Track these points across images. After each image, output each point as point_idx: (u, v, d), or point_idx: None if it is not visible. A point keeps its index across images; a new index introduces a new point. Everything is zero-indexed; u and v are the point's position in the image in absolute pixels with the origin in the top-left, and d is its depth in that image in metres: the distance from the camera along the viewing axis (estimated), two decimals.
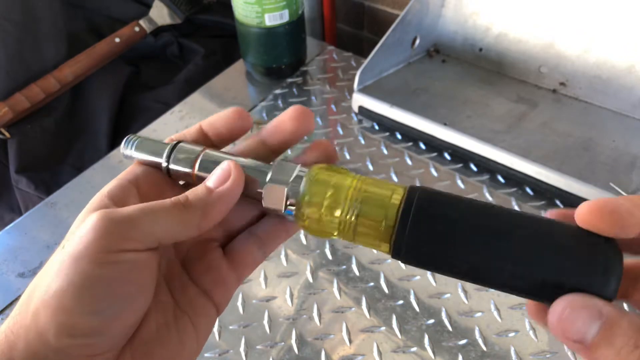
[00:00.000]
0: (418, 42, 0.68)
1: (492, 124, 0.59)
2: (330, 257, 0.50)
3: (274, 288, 0.48)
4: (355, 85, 0.62)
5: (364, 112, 0.62)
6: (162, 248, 0.24)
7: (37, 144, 0.70)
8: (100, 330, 0.20)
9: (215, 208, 0.22)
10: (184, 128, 0.30)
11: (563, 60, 0.62)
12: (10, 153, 0.69)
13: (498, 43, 0.67)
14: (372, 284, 0.47)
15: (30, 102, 0.69)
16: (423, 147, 0.60)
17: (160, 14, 0.82)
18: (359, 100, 0.62)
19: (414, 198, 0.21)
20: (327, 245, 0.51)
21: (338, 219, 0.23)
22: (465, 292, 0.46)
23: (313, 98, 0.69)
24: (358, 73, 0.61)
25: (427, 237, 0.20)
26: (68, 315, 0.19)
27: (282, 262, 0.50)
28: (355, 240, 0.23)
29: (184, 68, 0.80)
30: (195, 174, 0.25)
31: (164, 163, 0.25)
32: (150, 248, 0.21)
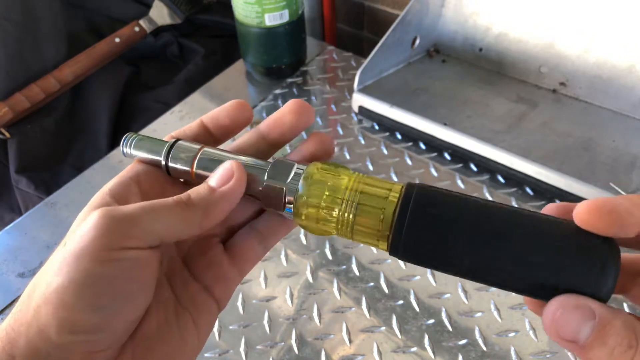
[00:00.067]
0: (418, 42, 0.68)
1: (492, 124, 0.59)
2: (330, 257, 0.50)
3: (274, 288, 0.48)
4: (355, 85, 0.62)
5: (364, 112, 0.62)
6: (163, 246, 0.24)
7: (37, 144, 0.70)
8: (102, 327, 0.20)
9: (218, 207, 0.22)
10: None
11: (563, 60, 0.62)
12: (10, 153, 0.69)
13: (498, 43, 0.67)
14: (372, 284, 0.47)
15: (30, 102, 0.70)
16: (423, 147, 0.60)
17: (160, 14, 0.82)
18: (359, 100, 0.62)
19: (412, 195, 0.21)
20: (327, 245, 0.51)
21: (336, 217, 0.23)
22: (465, 292, 0.46)
23: (313, 98, 0.69)
24: (358, 73, 0.61)
25: (424, 234, 0.20)
26: (69, 312, 0.19)
27: (282, 262, 0.50)
28: (354, 238, 0.23)
29: (184, 68, 0.80)
30: (194, 172, 0.25)
31: (163, 161, 0.25)
32: (152, 246, 0.21)
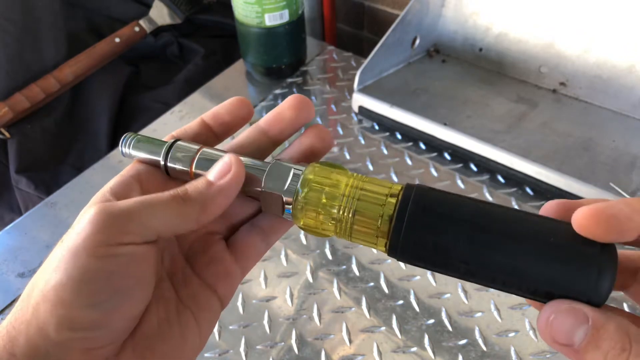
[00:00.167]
0: (418, 42, 0.68)
1: (492, 124, 0.59)
2: (330, 257, 0.50)
3: (274, 288, 0.48)
4: (355, 85, 0.62)
5: (364, 112, 0.62)
6: (163, 242, 0.24)
7: (37, 144, 0.70)
8: (100, 324, 0.20)
9: (215, 201, 0.22)
10: None
11: (563, 60, 0.62)
12: (10, 153, 0.69)
13: (498, 43, 0.67)
14: (372, 284, 0.47)
15: (30, 102, 0.70)
16: (423, 147, 0.60)
17: (160, 14, 0.82)
18: (359, 100, 0.62)
19: (410, 196, 0.21)
20: (327, 245, 0.51)
21: (335, 219, 0.23)
22: (465, 292, 0.46)
23: (313, 98, 0.69)
24: (358, 73, 0.61)
25: (422, 236, 0.20)
26: (67, 309, 0.19)
27: (282, 262, 0.50)
28: (352, 239, 0.23)
29: (184, 68, 0.80)
30: (193, 172, 0.25)
31: (162, 162, 0.25)
32: (149, 241, 0.21)
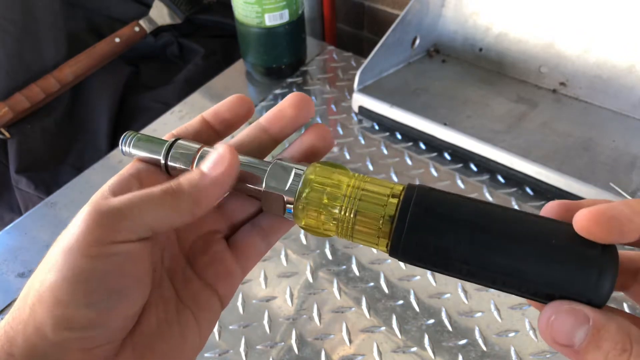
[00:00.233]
0: (418, 42, 0.68)
1: (492, 124, 0.59)
2: (330, 257, 0.50)
3: (274, 288, 0.48)
4: (355, 85, 0.62)
5: (364, 112, 0.62)
6: (162, 240, 0.24)
7: (37, 144, 0.70)
8: (97, 323, 0.19)
9: (209, 193, 0.22)
10: None
11: (563, 60, 0.62)
12: (10, 153, 0.69)
13: (498, 43, 0.67)
14: (372, 284, 0.47)
15: (30, 102, 0.70)
16: (423, 147, 0.60)
17: (160, 14, 0.82)
18: (359, 100, 0.62)
19: (412, 197, 0.21)
20: (327, 245, 0.51)
21: (336, 219, 0.23)
22: (465, 292, 0.46)
23: (313, 98, 0.69)
24: (358, 73, 0.61)
25: (424, 236, 0.20)
26: (64, 309, 0.19)
27: (282, 262, 0.50)
28: (354, 240, 0.23)
29: (184, 68, 0.80)
30: None
31: (162, 160, 0.25)
32: (144, 237, 0.21)
